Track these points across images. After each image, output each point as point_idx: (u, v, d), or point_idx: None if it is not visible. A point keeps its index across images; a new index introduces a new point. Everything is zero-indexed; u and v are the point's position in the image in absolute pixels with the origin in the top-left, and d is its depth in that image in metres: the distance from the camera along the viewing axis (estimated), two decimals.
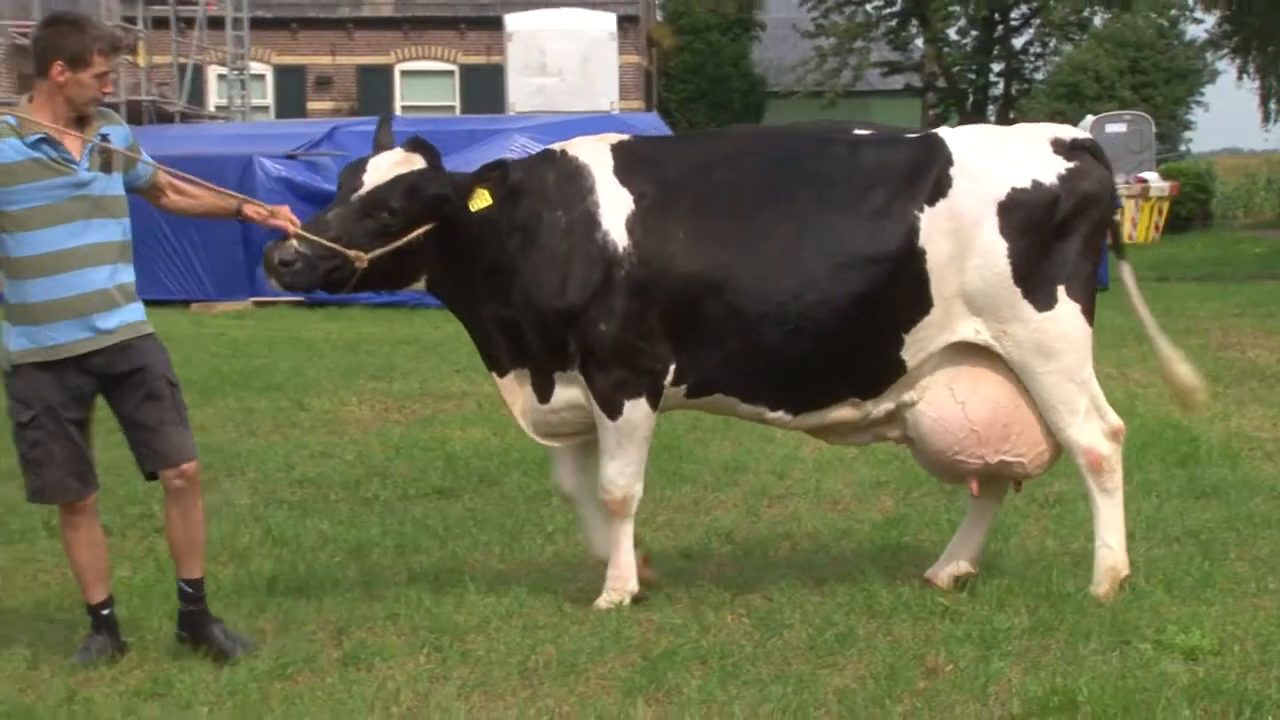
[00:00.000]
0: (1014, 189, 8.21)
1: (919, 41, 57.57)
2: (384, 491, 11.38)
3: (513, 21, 43.22)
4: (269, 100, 47.88)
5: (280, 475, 11.98)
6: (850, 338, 8.14)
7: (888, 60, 57.15)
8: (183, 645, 7.64)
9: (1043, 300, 8.21)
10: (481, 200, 8.07)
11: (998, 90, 59.59)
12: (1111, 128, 45.11)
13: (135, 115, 37.74)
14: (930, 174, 8.22)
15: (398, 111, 44.60)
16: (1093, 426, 8.38)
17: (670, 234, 8.11)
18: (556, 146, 8.47)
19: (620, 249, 8.12)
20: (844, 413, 8.38)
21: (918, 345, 8.25)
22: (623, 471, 8.28)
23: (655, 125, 30.19)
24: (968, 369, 8.33)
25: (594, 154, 8.32)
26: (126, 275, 7.50)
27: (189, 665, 7.39)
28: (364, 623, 8.07)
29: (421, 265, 8.17)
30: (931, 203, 8.18)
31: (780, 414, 8.37)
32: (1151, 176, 44.43)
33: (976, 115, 56.00)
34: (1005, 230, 8.17)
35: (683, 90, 54.91)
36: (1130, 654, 7.41)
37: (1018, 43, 59.29)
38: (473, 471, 11.96)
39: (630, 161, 8.29)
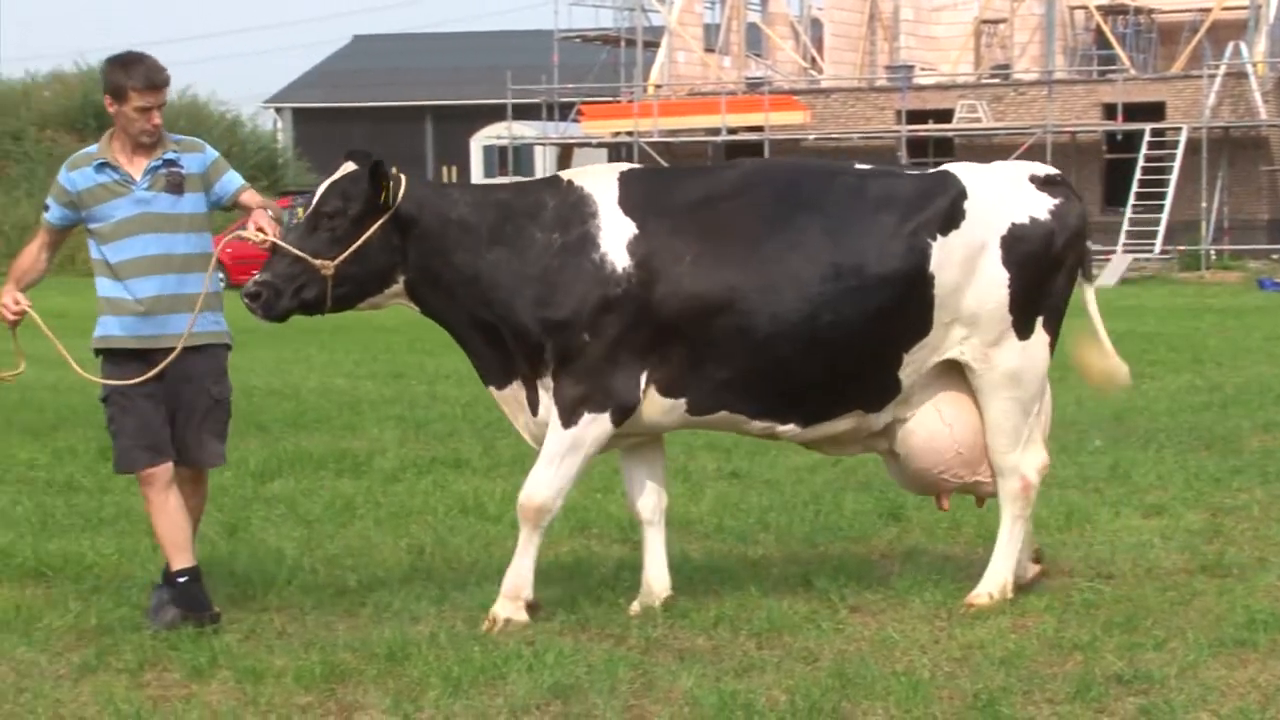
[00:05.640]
0: (1017, 223, 6.94)
1: None
2: None
3: None
4: None
5: None
6: (859, 357, 6.76)
7: None
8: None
9: (1025, 329, 6.93)
10: (385, 190, 6.56)
11: None
12: None
13: None
14: (944, 206, 6.86)
15: None
16: (1031, 457, 7.01)
17: (678, 257, 6.65)
18: (564, 174, 6.99)
19: (619, 270, 6.63)
20: (846, 425, 6.94)
21: (914, 365, 6.87)
22: (552, 483, 6.66)
23: None
24: (953, 392, 6.98)
25: (600, 182, 6.85)
26: (194, 286, 6.68)
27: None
28: None
29: (393, 266, 6.64)
30: (944, 233, 6.82)
31: (790, 428, 6.88)
32: None
33: None
34: (1007, 261, 6.90)
35: None
36: None
37: None
38: None
39: (636, 190, 6.82)
